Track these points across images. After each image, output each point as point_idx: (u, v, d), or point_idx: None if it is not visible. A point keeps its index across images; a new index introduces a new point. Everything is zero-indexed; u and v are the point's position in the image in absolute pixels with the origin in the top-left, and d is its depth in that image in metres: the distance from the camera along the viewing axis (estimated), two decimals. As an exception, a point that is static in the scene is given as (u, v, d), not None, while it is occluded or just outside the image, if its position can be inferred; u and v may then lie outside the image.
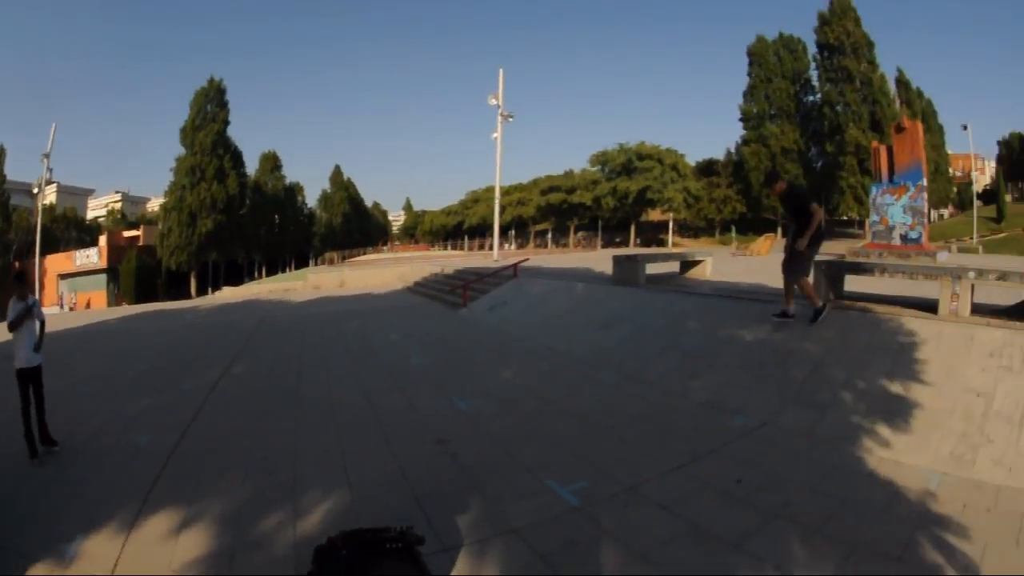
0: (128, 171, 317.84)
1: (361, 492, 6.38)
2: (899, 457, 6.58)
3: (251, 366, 14.28)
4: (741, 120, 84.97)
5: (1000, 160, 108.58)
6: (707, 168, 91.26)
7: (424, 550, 4.40)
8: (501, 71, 46.03)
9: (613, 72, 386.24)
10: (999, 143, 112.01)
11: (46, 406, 8.84)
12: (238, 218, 78.48)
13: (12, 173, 79.78)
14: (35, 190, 62.62)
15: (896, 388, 7.82)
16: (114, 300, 67.87)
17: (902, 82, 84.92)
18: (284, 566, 5.11)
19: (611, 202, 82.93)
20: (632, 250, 53.41)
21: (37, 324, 8.97)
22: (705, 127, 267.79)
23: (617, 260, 19.01)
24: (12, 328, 8.68)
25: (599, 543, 5.07)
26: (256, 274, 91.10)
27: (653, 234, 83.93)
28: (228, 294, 50.73)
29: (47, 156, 51.62)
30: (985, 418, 6.89)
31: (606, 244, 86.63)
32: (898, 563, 4.67)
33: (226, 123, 77.24)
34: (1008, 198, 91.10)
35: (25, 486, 7.64)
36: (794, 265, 10.07)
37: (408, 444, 7.77)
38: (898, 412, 7.37)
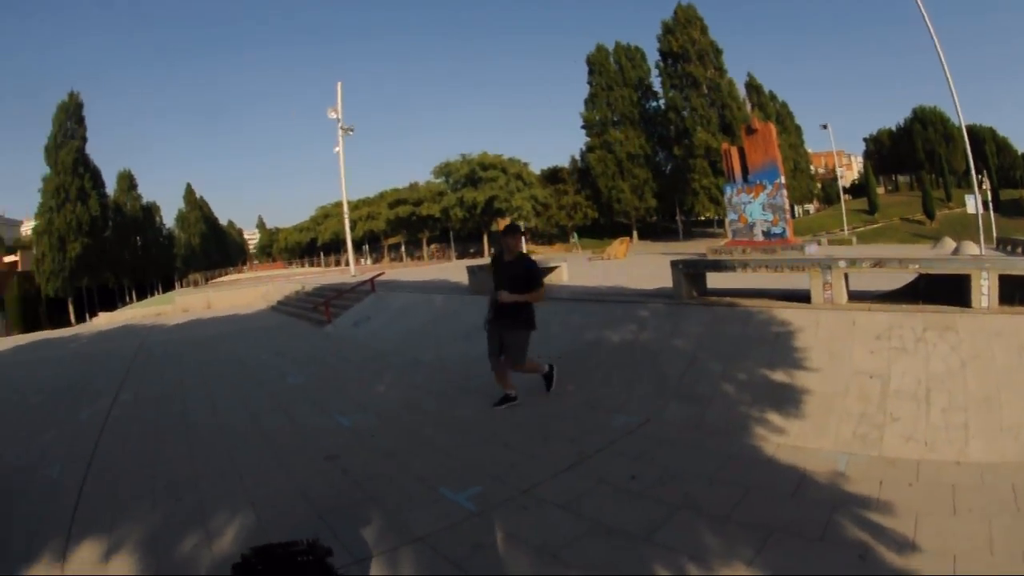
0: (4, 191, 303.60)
1: (265, 511, 6.54)
2: (798, 442, 6.96)
3: (138, 392, 14.32)
4: (584, 128, 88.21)
5: (868, 155, 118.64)
6: (553, 176, 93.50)
7: (336, 562, 4.55)
8: (339, 84, 47.26)
9: (453, 83, 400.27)
10: (866, 140, 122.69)
11: None
12: (103, 241, 77.02)
13: None
14: None
15: (780, 376, 8.16)
16: (3, 330, 66.19)
17: (753, 86, 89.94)
18: None
19: (460, 213, 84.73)
20: (487, 260, 54.39)
21: None
22: (547, 136, 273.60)
23: (472, 271, 20.00)
24: None
25: (505, 545, 5.29)
26: (127, 298, 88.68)
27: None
28: (104, 320, 49.13)
29: None
30: (885, 397, 7.25)
31: (460, 255, 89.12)
32: (822, 543, 4.90)
33: (84, 140, 75.83)
34: (880, 190, 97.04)
35: None
36: (522, 347, 9.38)
37: (300, 462, 7.99)
38: (788, 399, 7.74)
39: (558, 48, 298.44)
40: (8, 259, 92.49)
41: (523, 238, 10.20)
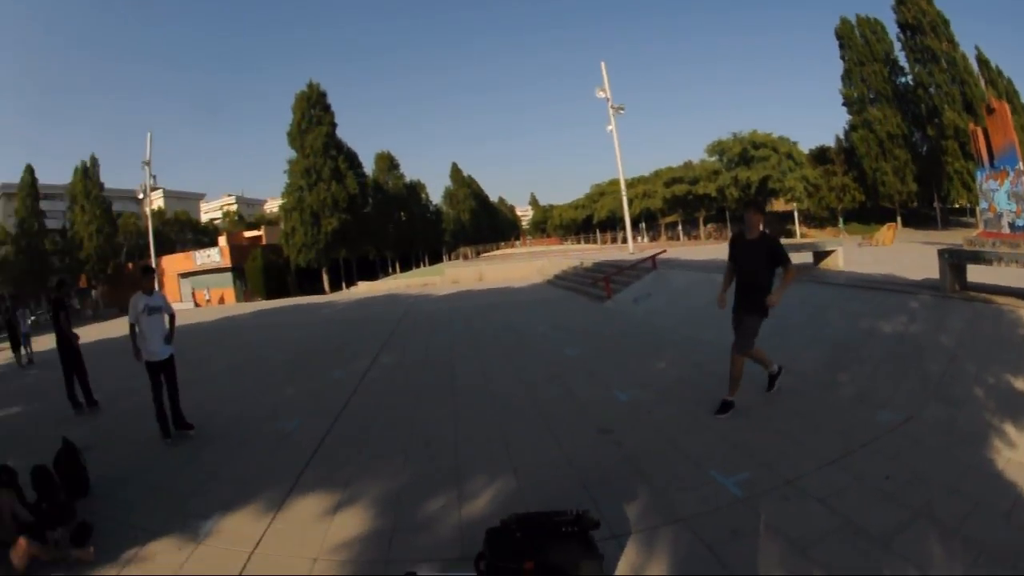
0: (238, 175, 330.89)
1: (527, 478, 6.48)
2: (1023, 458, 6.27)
3: (401, 357, 14.78)
4: (844, 105, 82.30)
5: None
6: (820, 155, 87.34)
7: (595, 535, 4.54)
8: (603, 64, 45.08)
9: (718, 58, 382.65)
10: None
11: (180, 395, 9.51)
12: (363, 216, 79.99)
13: (116, 181, 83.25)
14: (140, 195, 65.70)
15: (1021, 385, 7.42)
16: (243, 296, 71.19)
17: (982, 61, 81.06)
18: (450, 548, 5.24)
19: (735, 192, 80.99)
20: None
21: (166, 318, 9.55)
22: (809, 113, 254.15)
23: None
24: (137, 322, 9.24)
25: (761, 535, 5.12)
26: (390, 270, 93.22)
27: (781, 225, 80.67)
28: (365, 289, 52.41)
29: (147, 163, 54.09)
30: None
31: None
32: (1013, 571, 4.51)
33: (333, 125, 78.49)
34: None
35: (158, 465, 8.18)
36: (751, 331, 8.51)
37: (571, 433, 7.85)
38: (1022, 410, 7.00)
39: (803, 22, 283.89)
40: (250, 234, 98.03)
41: (764, 218, 8.79)
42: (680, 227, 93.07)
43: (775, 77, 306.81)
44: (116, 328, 30.08)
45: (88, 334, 32.62)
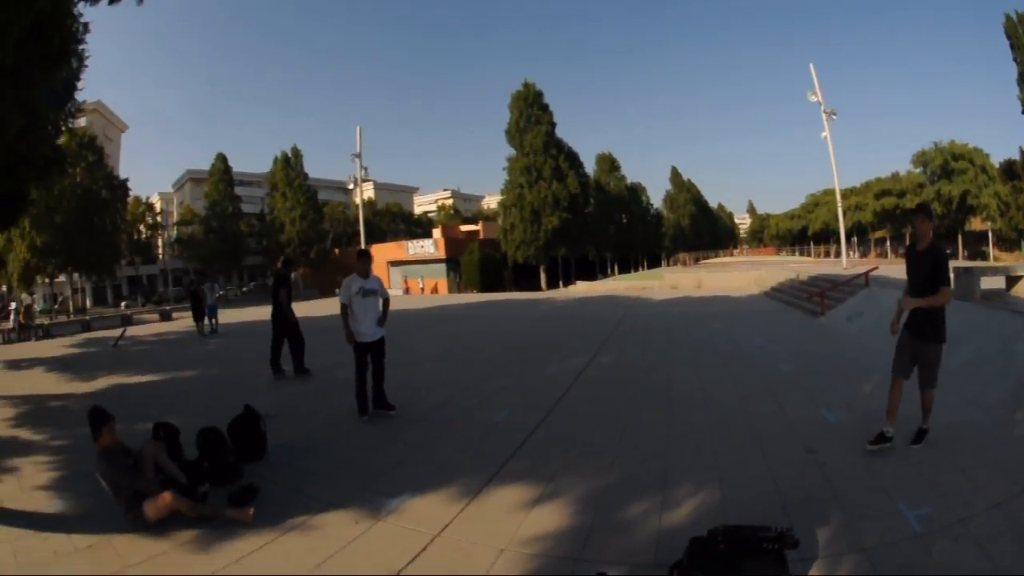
0: (454, 171, 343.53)
1: (731, 490, 6.33)
2: None
3: (618, 358, 14.58)
4: None
5: None
6: (1008, 169, 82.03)
7: (789, 555, 4.51)
8: (812, 66, 43.40)
9: (927, 60, 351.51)
10: None
11: (385, 375, 9.80)
12: (584, 216, 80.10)
13: (324, 172, 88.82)
14: (349, 186, 68.39)
15: None
16: (456, 287, 73.53)
17: None
18: (644, 552, 5.13)
19: (938, 208, 76.75)
20: (961, 264, 49.53)
21: (380, 301, 9.79)
22: (989, 121, 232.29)
23: (956, 273, 17.86)
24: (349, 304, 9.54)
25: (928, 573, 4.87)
26: (608, 271, 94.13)
27: (975, 246, 76.91)
28: (583, 288, 52.75)
29: (358, 156, 56.55)
30: None
31: None
32: None
33: (552, 125, 78.42)
34: None
35: (349, 441, 8.48)
36: (934, 365, 7.71)
37: (779, 449, 7.66)
38: None
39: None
40: (466, 228, 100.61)
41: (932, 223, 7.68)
42: (888, 243, 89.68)
43: (948, 83, 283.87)
44: (315, 308, 32.50)
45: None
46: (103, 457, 6.00)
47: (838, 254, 51.25)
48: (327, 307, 28.31)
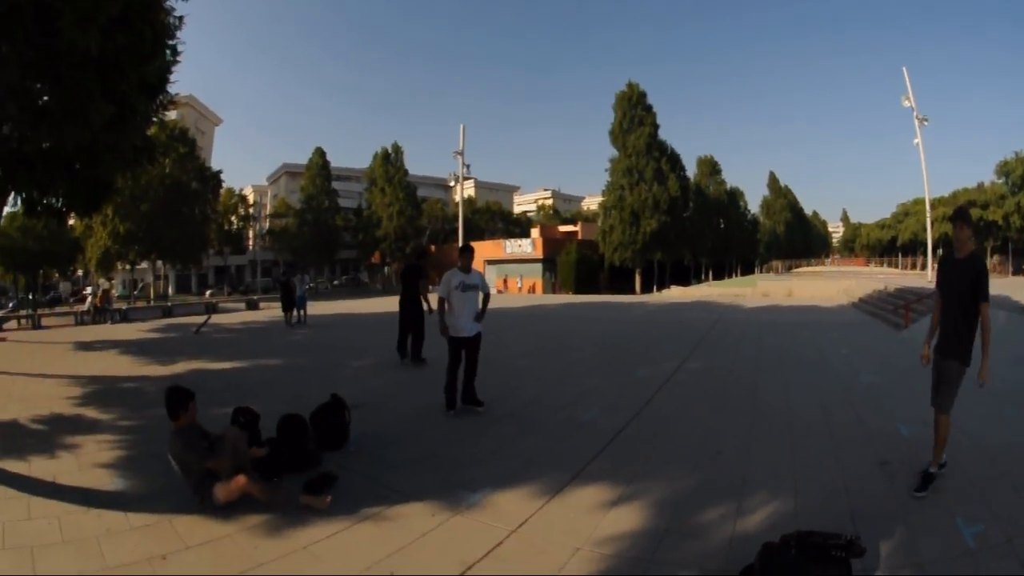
0: (556, 171, 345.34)
1: (805, 500, 6.39)
2: None
3: (707, 363, 14.66)
4: None
5: None
6: None
7: (853, 563, 4.54)
8: (905, 70, 43.25)
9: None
10: None
11: (477, 371, 9.89)
12: (682, 220, 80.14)
13: (424, 169, 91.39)
14: (451, 183, 69.93)
15: None
16: (551, 288, 74.12)
17: None
18: (715, 557, 5.17)
19: (1017, 221, 74.94)
20: None
21: (480, 296, 9.89)
22: None
23: None
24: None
25: None
26: (703, 276, 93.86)
27: None
28: (676, 293, 53.07)
29: (460, 153, 57.37)
30: None
31: (1014, 271, 78.66)
32: None
33: (655, 126, 78.82)
34: None
35: (435, 434, 8.54)
36: (952, 387, 7.08)
37: (853, 460, 7.71)
38: None
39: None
40: (565, 228, 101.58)
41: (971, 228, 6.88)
42: None
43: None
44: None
45: (381, 306, 35.06)
46: (178, 435, 6.09)
47: (924, 266, 50.22)
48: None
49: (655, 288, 72.47)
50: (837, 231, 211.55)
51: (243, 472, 5.85)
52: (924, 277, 43.73)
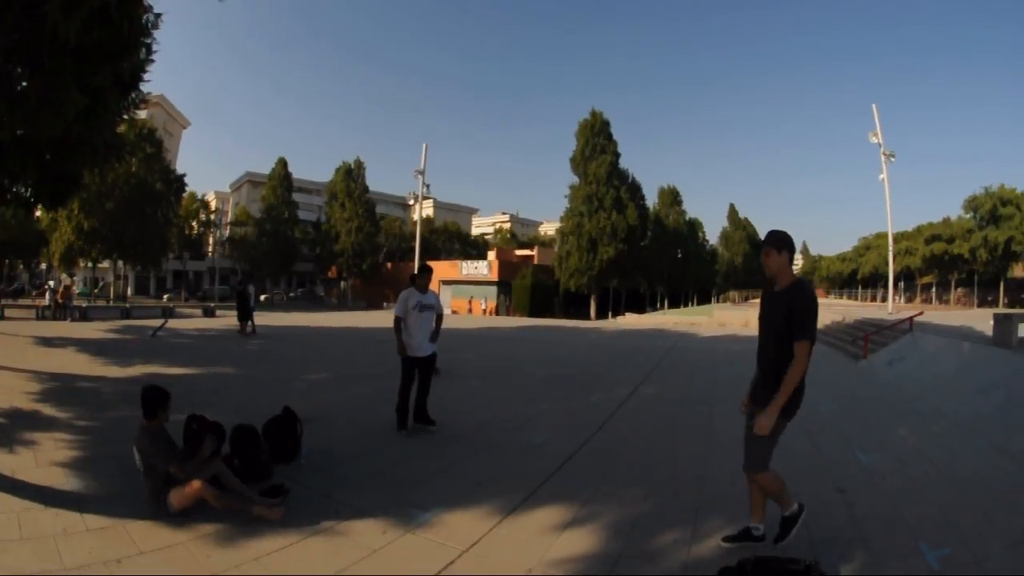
0: (514, 195, 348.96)
1: (765, 526, 6.17)
2: None
3: (661, 390, 14.71)
4: None
5: None
6: None
7: None
8: (874, 107, 44.01)
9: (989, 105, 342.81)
10: None
11: (430, 391, 9.93)
12: (640, 249, 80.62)
13: (387, 187, 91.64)
14: (410, 202, 70.57)
15: None
16: (505, 311, 74.75)
17: None
18: None
19: (983, 254, 76.26)
20: (1001, 311, 48.89)
21: (435, 317, 9.93)
22: None
23: (996, 319, 18.26)
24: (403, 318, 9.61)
25: None
26: (658, 304, 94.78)
27: (1017, 292, 77.12)
28: (631, 320, 53.55)
29: (421, 172, 58.06)
30: None
31: (979, 303, 79.18)
32: None
33: (617, 155, 79.47)
34: None
35: (386, 452, 8.53)
36: (762, 441, 5.75)
37: (811, 488, 7.61)
38: None
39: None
40: (521, 252, 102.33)
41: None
42: (934, 289, 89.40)
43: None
44: (365, 319, 34.29)
45: (336, 320, 35.02)
46: (148, 433, 6.07)
47: (885, 298, 51.00)
48: (376, 319, 28.75)
49: (610, 314, 73.35)
50: (797, 264, 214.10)
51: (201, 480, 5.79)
52: (884, 309, 44.58)
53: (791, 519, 5.88)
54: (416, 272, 10.34)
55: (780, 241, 5.98)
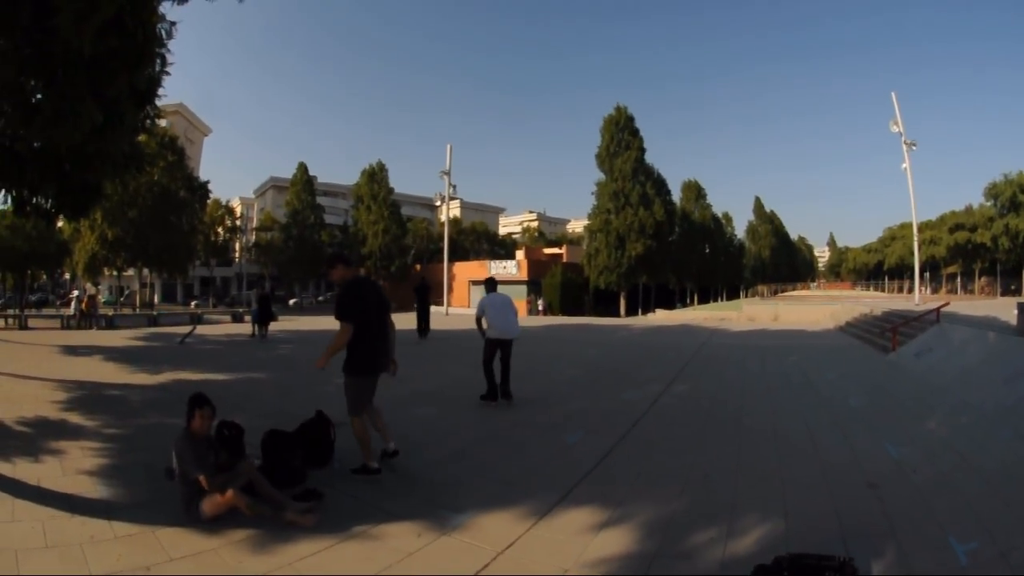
0: (541, 193, 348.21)
1: (796, 521, 6.38)
2: None
3: (693, 387, 14.76)
4: None
5: None
6: None
7: None
8: (893, 95, 43.15)
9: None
10: None
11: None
12: (668, 244, 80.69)
13: (415, 189, 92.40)
14: (436, 203, 70.73)
15: None
16: (536, 310, 73.37)
17: None
18: None
19: (1005, 242, 75.55)
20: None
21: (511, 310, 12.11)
22: None
23: (1021, 308, 18.49)
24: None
25: None
26: (688, 301, 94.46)
27: None
28: (661, 317, 53.22)
29: (447, 173, 57.66)
30: None
31: (1003, 291, 78.17)
32: None
33: (642, 150, 79.16)
34: None
35: (422, 455, 8.52)
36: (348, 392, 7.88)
37: (842, 482, 7.76)
38: None
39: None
40: (549, 251, 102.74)
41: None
42: (959, 279, 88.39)
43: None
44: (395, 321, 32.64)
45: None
46: (185, 438, 6.07)
47: (911, 289, 50.52)
48: (406, 320, 28.83)
49: (640, 311, 72.86)
50: (823, 255, 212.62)
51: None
52: (911, 300, 43.82)
53: (364, 470, 7.45)
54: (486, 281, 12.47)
55: (337, 257, 8.18)
